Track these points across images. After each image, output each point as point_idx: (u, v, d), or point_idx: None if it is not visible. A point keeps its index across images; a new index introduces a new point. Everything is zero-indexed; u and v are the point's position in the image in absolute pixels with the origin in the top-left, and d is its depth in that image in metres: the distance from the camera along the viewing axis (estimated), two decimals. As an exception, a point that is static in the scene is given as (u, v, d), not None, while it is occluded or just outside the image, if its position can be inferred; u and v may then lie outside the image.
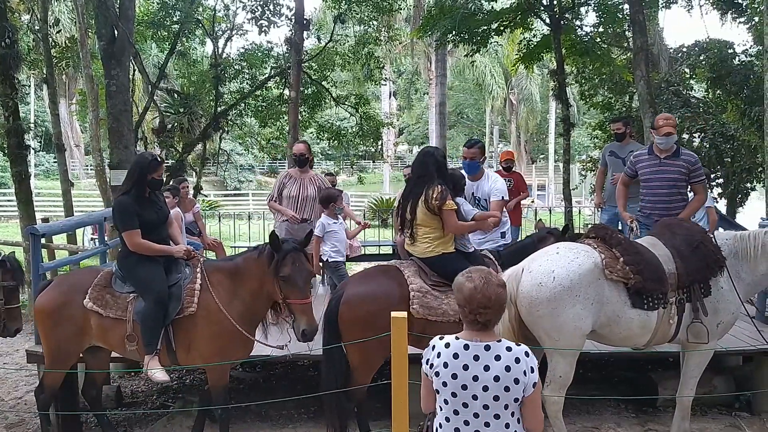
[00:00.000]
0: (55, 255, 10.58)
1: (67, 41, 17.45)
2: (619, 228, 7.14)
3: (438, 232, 4.77)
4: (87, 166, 35.14)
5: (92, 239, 16.27)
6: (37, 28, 14.26)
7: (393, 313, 3.44)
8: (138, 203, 4.67)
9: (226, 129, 16.64)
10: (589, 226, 6.56)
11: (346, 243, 6.55)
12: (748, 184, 13.11)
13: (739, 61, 13.19)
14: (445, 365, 2.59)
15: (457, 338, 2.63)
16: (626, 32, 13.85)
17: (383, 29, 18.09)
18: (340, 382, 4.61)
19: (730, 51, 13.14)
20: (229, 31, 16.50)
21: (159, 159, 4.91)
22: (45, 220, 11.70)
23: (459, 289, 2.61)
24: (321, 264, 6.50)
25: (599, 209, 7.98)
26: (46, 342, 4.79)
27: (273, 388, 6.50)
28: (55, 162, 30.84)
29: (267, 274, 4.37)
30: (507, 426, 2.56)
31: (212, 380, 4.70)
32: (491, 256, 5.11)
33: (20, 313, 5.32)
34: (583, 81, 15.24)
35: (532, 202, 31.28)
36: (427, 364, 2.67)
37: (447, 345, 2.63)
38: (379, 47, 18.41)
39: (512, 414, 2.56)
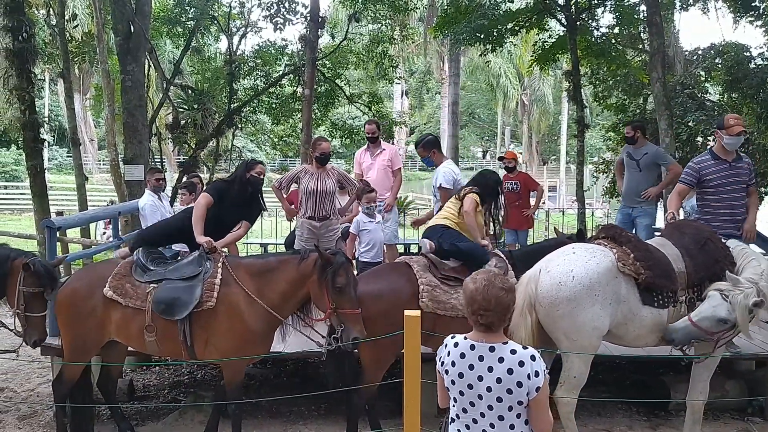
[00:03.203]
0: (68, 248, 10.65)
1: (83, 36, 17.54)
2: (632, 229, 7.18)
3: (453, 212, 5.35)
4: (100, 160, 35.32)
5: (104, 233, 16.37)
6: (54, 22, 14.34)
7: (406, 312, 3.44)
8: (230, 195, 5.26)
9: (240, 126, 16.64)
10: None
11: (381, 244, 6.34)
12: (763, 188, 13.00)
13: (755, 64, 13.08)
14: (453, 364, 2.64)
15: (465, 338, 2.67)
16: (641, 34, 13.77)
17: (397, 28, 18.03)
18: (349, 380, 4.63)
19: (747, 54, 13.03)
20: (244, 28, 16.51)
21: (255, 159, 5.60)
22: (59, 213, 11.80)
23: (464, 289, 2.67)
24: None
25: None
26: (67, 335, 4.82)
27: (283, 385, 6.53)
28: (68, 156, 31.02)
29: (310, 282, 4.44)
30: (512, 427, 2.59)
31: (228, 376, 4.74)
32: (502, 255, 5.11)
33: (43, 322, 4.92)
34: (597, 82, 15.15)
35: (543, 203, 31.06)
36: (439, 361, 2.72)
37: (456, 344, 2.68)
38: (393, 46, 18.35)
39: (518, 416, 2.59)
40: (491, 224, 5.63)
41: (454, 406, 2.70)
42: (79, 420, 4.98)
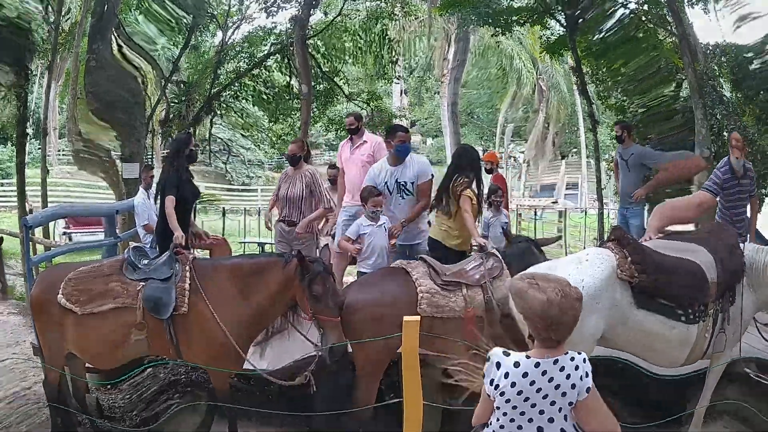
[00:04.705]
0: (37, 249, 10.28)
1: (71, 27, 17.22)
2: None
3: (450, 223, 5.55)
4: (60, 150, 31.33)
5: (65, 233, 15.38)
6: (51, 19, 14.10)
7: (405, 318, 3.37)
8: (182, 177, 5.51)
9: (219, 112, 15.98)
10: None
11: (383, 250, 5.80)
12: (763, 190, 12.92)
13: (755, 65, 12.98)
14: (513, 385, 2.46)
15: (528, 357, 2.49)
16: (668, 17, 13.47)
17: (398, 4, 16.47)
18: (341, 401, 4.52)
19: (747, 56, 12.92)
20: (239, 21, 16.17)
21: (189, 133, 5.74)
22: (29, 210, 11.08)
23: (530, 301, 2.44)
24: None
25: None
26: (41, 338, 4.80)
27: (269, 406, 6.27)
28: (39, 149, 29.54)
29: (294, 286, 4.39)
30: (562, 431, 2.52)
31: (214, 383, 4.73)
32: (498, 255, 5.02)
33: None
34: (597, 83, 15.09)
35: (555, 202, 29.60)
36: (491, 385, 2.51)
37: (516, 364, 2.48)
38: (393, 23, 17.05)
39: (565, 417, 2.52)
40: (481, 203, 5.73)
41: (499, 419, 2.56)
42: (61, 421, 4.93)
